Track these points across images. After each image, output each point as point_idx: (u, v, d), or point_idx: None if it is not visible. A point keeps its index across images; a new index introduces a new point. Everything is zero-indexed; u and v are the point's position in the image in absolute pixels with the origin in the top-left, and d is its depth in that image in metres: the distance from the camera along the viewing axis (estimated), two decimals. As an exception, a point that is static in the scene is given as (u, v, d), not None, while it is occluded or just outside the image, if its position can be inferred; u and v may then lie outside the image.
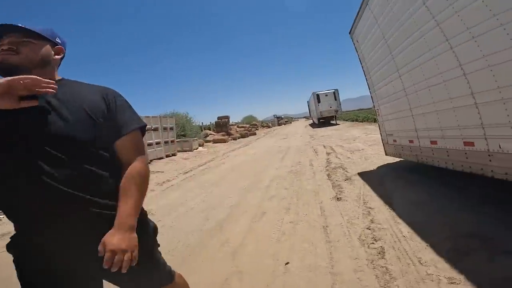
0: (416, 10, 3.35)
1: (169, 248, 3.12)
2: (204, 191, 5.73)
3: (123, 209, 1.03)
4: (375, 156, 6.76)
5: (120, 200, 1.05)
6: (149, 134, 11.66)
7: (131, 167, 1.11)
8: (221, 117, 25.74)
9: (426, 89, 3.64)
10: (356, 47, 6.06)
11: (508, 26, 2.17)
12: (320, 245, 2.70)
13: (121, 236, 0.98)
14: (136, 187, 1.09)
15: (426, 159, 4.06)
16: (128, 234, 1.01)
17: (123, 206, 1.04)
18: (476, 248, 2.21)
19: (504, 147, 2.46)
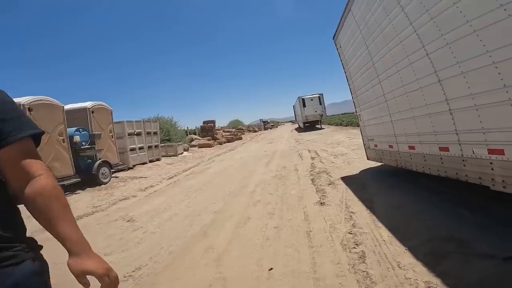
0: (395, 16, 3.42)
1: (151, 254, 3.06)
2: (189, 196, 5.66)
3: (66, 231, 0.85)
4: (358, 161, 6.91)
5: (52, 225, 0.84)
6: (132, 139, 11.45)
7: (37, 185, 0.82)
8: (206, 121, 25.56)
9: (404, 95, 3.74)
10: (339, 52, 6.14)
11: (481, 32, 2.23)
12: (304, 250, 2.72)
13: (91, 260, 0.87)
14: (59, 205, 0.86)
15: (405, 164, 4.18)
16: (94, 254, 0.89)
17: (64, 229, 0.85)
18: (453, 251, 2.29)
19: (477, 153, 2.56)
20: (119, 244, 3.56)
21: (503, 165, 2.27)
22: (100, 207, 5.64)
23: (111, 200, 6.15)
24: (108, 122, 9.79)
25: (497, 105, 2.22)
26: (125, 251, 3.31)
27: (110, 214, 5.12)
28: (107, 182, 8.19)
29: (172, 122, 20.41)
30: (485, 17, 2.17)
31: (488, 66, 2.22)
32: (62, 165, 7.19)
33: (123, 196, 6.49)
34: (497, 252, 2.12)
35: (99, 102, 9.58)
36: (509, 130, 2.14)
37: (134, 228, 4.13)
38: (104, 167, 8.33)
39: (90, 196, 6.83)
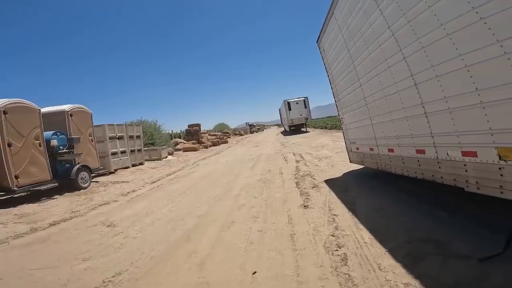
0: (375, 20, 3.49)
1: (131, 260, 3.00)
2: (172, 201, 5.56)
3: None
4: (341, 163, 7.03)
5: None
6: (114, 143, 11.16)
7: None
8: (191, 125, 25.27)
9: (383, 99, 3.82)
10: (323, 56, 6.22)
11: (454, 35, 2.29)
12: (287, 254, 2.73)
13: None
14: None
15: (385, 166, 4.29)
16: None
17: None
18: (430, 253, 2.35)
19: (451, 155, 2.66)
20: (99, 250, 3.45)
21: (476, 167, 2.36)
22: (78, 212, 5.45)
23: (91, 205, 5.96)
24: (88, 126, 9.49)
25: (469, 108, 2.30)
26: (105, 256, 3.22)
27: (89, 219, 4.96)
28: (86, 187, 7.92)
29: (156, 125, 20.05)
30: (457, 20, 2.23)
31: (460, 69, 2.29)
32: (39, 169, 6.90)
33: (103, 201, 6.30)
34: (473, 253, 2.18)
35: (78, 105, 9.28)
36: (481, 133, 2.22)
37: (114, 233, 4.02)
38: (83, 172, 8.06)
39: (68, 201, 6.58)
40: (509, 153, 2.02)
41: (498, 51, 1.94)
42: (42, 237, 4.18)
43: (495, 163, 2.15)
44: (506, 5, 1.82)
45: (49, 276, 2.89)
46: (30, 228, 4.60)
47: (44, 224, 4.80)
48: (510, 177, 2.04)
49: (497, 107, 2.05)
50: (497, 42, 1.93)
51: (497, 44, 1.93)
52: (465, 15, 2.15)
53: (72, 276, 2.83)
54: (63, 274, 2.90)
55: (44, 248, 3.77)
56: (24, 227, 4.68)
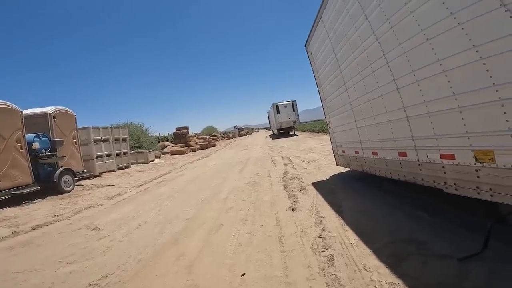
0: (361, 24, 3.57)
1: (118, 263, 2.96)
2: (160, 204, 5.50)
3: None
4: (328, 166, 7.16)
5: None
6: (99, 146, 10.95)
7: None
8: (179, 128, 25.04)
9: (368, 102, 3.92)
10: (310, 59, 6.30)
11: (433, 41, 2.38)
12: (276, 255, 2.76)
13: None
14: None
15: (369, 169, 4.41)
16: None
17: None
18: (413, 253, 2.43)
19: (431, 158, 2.77)
20: (84, 253, 3.39)
21: (454, 169, 2.47)
22: (62, 216, 5.31)
23: (74, 209, 5.81)
24: (72, 128, 9.29)
25: (447, 112, 2.40)
26: (90, 260, 3.17)
27: (73, 222, 4.85)
28: (70, 191, 7.73)
29: (143, 128, 19.77)
30: (436, 26, 2.31)
31: (439, 74, 2.38)
32: (20, 173, 6.70)
33: (88, 204, 6.15)
34: (453, 253, 2.27)
35: (62, 107, 9.07)
36: (458, 136, 2.33)
37: (100, 236, 3.95)
38: (66, 175, 7.86)
39: (51, 205, 6.39)
40: (484, 156, 2.11)
41: (474, 56, 2.02)
42: (24, 241, 4.06)
43: (471, 165, 2.25)
44: (482, 10, 1.90)
45: (32, 279, 2.83)
46: (12, 232, 4.47)
47: (26, 228, 4.66)
48: (486, 178, 2.14)
49: (473, 111, 2.14)
50: (473, 47, 2.01)
51: (473, 49, 2.01)
52: (443, 20, 2.22)
53: (57, 279, 2.78)
54: (47, 277, 2.84)
55: (27, 251, 3.67)
56: (5, 231, 4.55)
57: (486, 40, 1.93)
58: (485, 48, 1.94)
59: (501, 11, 1.77)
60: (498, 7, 1.79)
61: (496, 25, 1.84)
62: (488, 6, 1.86)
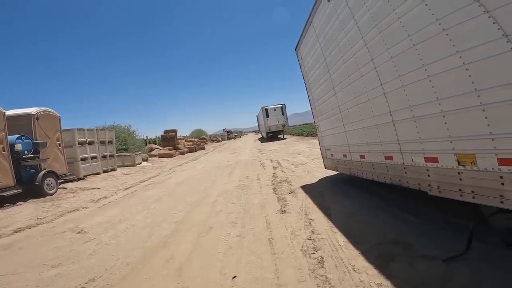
0: (350, 29, 3.63)
1: (106, 266, 2.91)
2: (147, 207, 5.42)
3: None
4: (317, 170, 7.24)
5: None
6: (83, 148, 10.71)
7: None
8: (168, 130, 24.72)
9: (355, 107, 4.00)
10: (301, 63, 6.37)
11: (419, 46, 2.44)
12: (266, 257, 2.77)
13: None
14: None
15: (357, 172, 4.50)
16: None
17: None
18: (399, 254, 2.49)
19: (415, 161, 2.86)
20: (69, 256, 3.31)
21: (438, 172, 2.56)
22: (45, 219, 5.16)
23: (58, 212, 5.65)
24: (56, 130, 9.03)
25: (431, 116, 2.49)
26: (76, 263, 3.09)
27: (57, 226, 4.71)
28: (53, 194, 7.51)
29: (130, 130, 19.41)
30: (422, 31, 2.38)
31: (423, 79, 2.46)
32: (1, 175, 6.45)
33: (72, 207, 5.99)
34: (438, 254, 2.34)
35: (46, 108, 8.83)
36: (442, 140, 2.42)
37: (85, 239, 3.86)
38: (49, 178, 7.65)
39: (33, 208, 6.19)
40: (466, 159, 2.21)
41: (457, 61, 2.10)
42: (6, 244, 3.93)
43: (454, 168, 2.35)
44: (465, 16, 1.97)
45: (16, 282, 2.75)
46: (-7, 235, 4.31)
47: (8, 231, 4.50)
48: (468, 181, 2.24)
49: (456, 115, 2.24)
50: (456, 53, 2.09)
51: (457, 55, 2.09)
52: (429, 26, 2.29)
53: (41, 283, 2.70)
54: (31, 280, 2.76)
55: (9, 254, 3.55)
56: (-14, 234, 4.37)
57: (469, 46, 2.00)
58: (468, 54, 2.02)
59: (484, 17, 1.85)
60: (481, 13, 1.86)
61: (478, 31, 1.92)
62: (472, 12, 1.93)
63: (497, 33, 1.79)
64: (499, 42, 1.79)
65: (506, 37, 1.75)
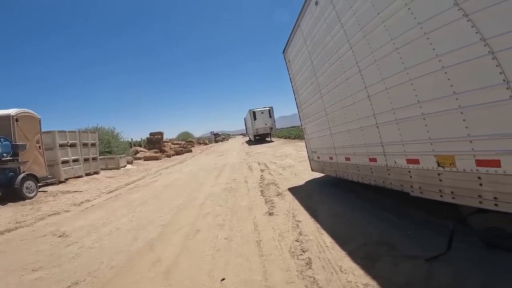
0: (336, 33, 3.68)
1: (89, 269, 2.85)
2: (132, 210, 5.31)
3: None
4: (304, 172, 7.31)
5: None
6: (65, 151, 10.41)
7: None
8: (153, 133, 24.33)
9: (341, 110, 4.06)
10: (288, 66, 6.41)
11: (401, 50, 2.50)
12: (254, 259, 2.77)
13: None
14: None
15: (343, 174, 4.58)
16: None
17: None
18: (384, 254, 2.54)
19: (398, 163, 2.95)
20: (50, 260, 3.22)
21: (419, 173, 2.65)
22: (24, 223, 5.00)
23: (38, 215, 5.48)
24: (36, 132, 8.74)
25: (412, 119, 2.57)
26: (58, 267, 3.01)
27: (37, 229, 4.57)
28: (33, 197, 7.28)
29: (114, 133, 18.98)
30: (405, 35, 2.44)
31: (405, 82, 2.53)
32: (-21, 178, 6.18)
33: (53, 211, 5.81)
34: (420, 253, 2.41)
35: (25, 109, 8.53)
36: (422, 142, 2.51)
37: (67, 243, 3.76)
38: (29, 181, 7.42)
39: (12, 211, 5.97)
40: (446, 160, 2.29)
41: (436, 65, 2.17)
42: (-16, 247, 3.77)
43: (434, 169, 2.43)
44: (445, 20, 2.05)
45: (-5, 285, 2.65)
46: (-29, 238, 4.12)
47: (-14, 234, 4.32)
48: (447, 182, 2.32)
49: (435, 118, 2.32)
50: (436, 56, 2.17)
51: (436, 59, 2.17)
52: (411, 30, 2.36)
53: (22, 286, 2.64)
54: (11, 284, 2.68)
55: (-12, 258, 3.41)
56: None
57: (448, 50, 2.08)
58: (446, 58, 2.10)
59: (463, 21, 1.92)
60: (460, 17, 1.93)
61: (457, 35, 1.99)
62: (451, 16, 2.00)
63: (475, 37, 1.86)
64: (477, 46, 1.86)
65: (484, 41, 1.82)
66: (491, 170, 1.93)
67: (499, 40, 1.75)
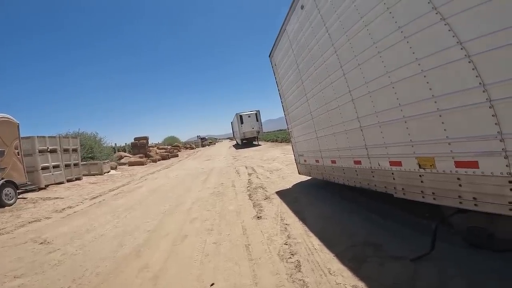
0: (321, 36, 3.72)
1: (73, 276, 2.77)
2: (117, 216, 5.19)
3: None
4: (291, 175, 7.37)
5: None
6: (45, 157, 10.08)
7: None
8: (138, 138, 23.85)
9: (326, 113, 4.11)
10: (274, 70, 6.44)
11: (383, 54, 2.55)
12: (244, 264, 2.76)
13: None
14: None
15: (329, 177, 4.63)
16: None
17: None
18: (371, 255, 2.59)
19: (381, 165, 3.02)
20: (32, 267, 3.11)
21: (401, 175, 2.72)
22: (4, 230, 4.82)
23: (18, 222, 5.28)
24: (14, 137, 8.41)
25: (394, 122, 2.63)
26: (40, 274, 2.91)
27: (17, 236, 4.41)
28: (12, 204, 7.04)
29: (97, 138, 18.48)
30: (386, 39, 2.49)
31: (387, 86, 2.59)
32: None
33: (33, 218, 5.60)
34: (406, 254, 2.46)
35: (3, 114, 8.21)
36: (404, 144, 2.57)
37: (49, 250, 3.64)
38: (7, 188, 7.16)
39: (-10, 218, 5.67)
40: (426, 162, 2.36)
41: (416, 69, 2.23)
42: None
43: (416, 171, 2.50)
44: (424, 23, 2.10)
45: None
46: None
47: (-35, 242, 4.10)
48: (428, 183, 2.39)
49: (416, 121, 2.39)
50: (416, 60, 2.22)
51: (416, 62, 2.22)
52: (392, 34, 2.40)
53: None
54: None
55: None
56: None
57: (427, 54, 2.14)
58: (425, 61, 2.15)
59: (440, 25, 1.98)
60: (438, 21, 1.99)
61: (435, 38, 2.04)
62: (429, 20, 2.05)
63: (452, 40, 1.92)
64: (453, 49, 1.92)
65: (461, 45, 1.87)
66: (469, 171, 2.00)
67: (475, 43, 1.80)
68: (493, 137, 1.80)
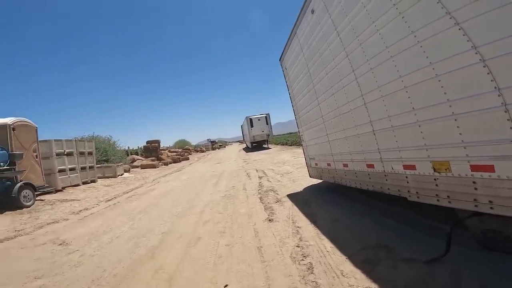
0: (332, 41, 3.73)
1: (92, 277, 2.86)
2: (132, 219, 5.31)
3: None
4: (302, 178, 7.35)
5: None
6: (61, 159, 10.39)
7: None
8: (150, 141, 24.30)
9: (338, 117, 4.11)
10: (285, 74, 6.48)
11: (396, 58, 2.56)
12: (256, 265, 2.79)
13: None
14: None
15: (341, 180, 4.62)
16: None
17: None
18: (383, 258, 2.58)
19: (395, 168, 3.01)
20: (52, 268, 3.22)
21: (415, 178, 2.71)
22: (23, 231, 4.98)
23: (37, 224, 5.46)
24: (32, 141, 8.72)
25: (408, 126, 2.63)
26: (60, 275, 3.01)
27: (36, 237, 4.55)
28: (30, 206, 7.23)
29: (111, 141, 18.94)
30: (399, 43, 2.50)
31: (400, 90, 2.60)
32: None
33: (51, 219, 5.79)
34: (419, 257, 2.44)
35: (22, 118, 8.52)
36: (418, 148, 2.56)
37: (68, 251, 3.76)
38: (26, 190, 7.36)
39: (9, 220, 5.92)
40: (441, 166, 2.35)
41: (430, 73, 2.23)
42: (-15, 256, 3.76)
43: (430, 174, 2.49)
44: (438, 28, 2.11)
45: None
46: (-30, 247, 4.11)
47: (-15, 243, 4.30)
48: (443, 186, 2.38)
49: (430, 125, 2.38)
50: (430, 64, 2.23)
51: (430, 67, 2.23)
52: (405, 38, 2.41)
53: None
54: None
55: (-11, 266, 3.40)
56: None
57: (441, 58, 2.14)
58: (440, 65, 2.16)
59: (454, 29, 1.99)
60: (452, 25, 2.00)
61: (449, 43, 2.05)
62: (443, 25, 2.06)
63: (466, 45, 1.93)
64: (468, 53, 1.93)
65: (475, 49, 1.88)
66: (485, 174, 1.99)
67: (490, 48, 1.81)
68: (509, 141, 1.79)
